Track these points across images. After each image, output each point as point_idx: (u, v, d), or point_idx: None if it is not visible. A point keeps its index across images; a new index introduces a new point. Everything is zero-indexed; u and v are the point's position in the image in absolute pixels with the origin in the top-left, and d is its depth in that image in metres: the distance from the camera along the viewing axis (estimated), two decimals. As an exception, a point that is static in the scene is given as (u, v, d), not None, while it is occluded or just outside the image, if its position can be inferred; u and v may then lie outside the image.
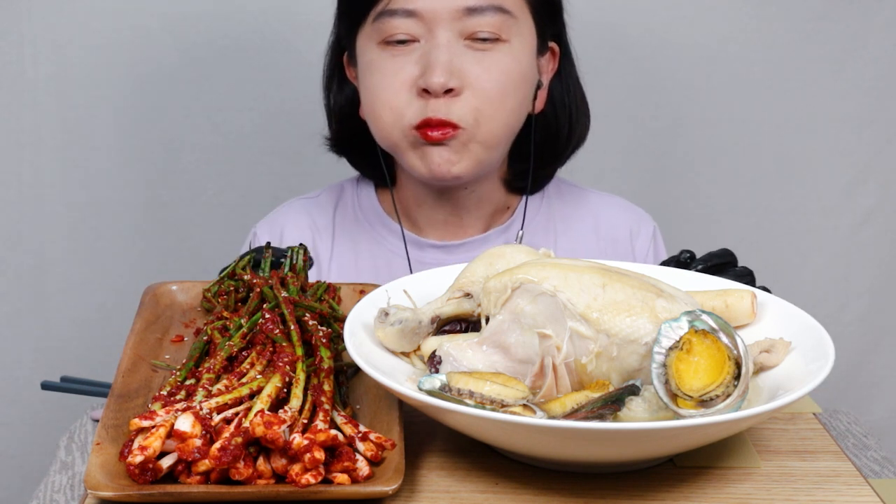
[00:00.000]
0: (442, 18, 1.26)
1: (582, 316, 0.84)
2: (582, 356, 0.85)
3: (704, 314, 0.83)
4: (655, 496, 0.81)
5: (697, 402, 0.80)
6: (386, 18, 1.27)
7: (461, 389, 0.82)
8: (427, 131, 1.27)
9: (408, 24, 1.26)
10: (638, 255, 1.45)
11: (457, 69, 1.26)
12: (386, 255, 1.41)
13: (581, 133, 1.43)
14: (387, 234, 1.42)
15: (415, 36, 1.27)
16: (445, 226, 1.41)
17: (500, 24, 1.27)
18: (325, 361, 0.88)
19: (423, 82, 1.25)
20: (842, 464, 0.86)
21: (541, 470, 0.84)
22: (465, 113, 1.26)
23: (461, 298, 0.95)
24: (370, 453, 0.80)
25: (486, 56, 1.27)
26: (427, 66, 1.25)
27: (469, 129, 1.27)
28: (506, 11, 1.27)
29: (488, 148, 1.30)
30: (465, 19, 1.26)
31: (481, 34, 1.27)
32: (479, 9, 1.26)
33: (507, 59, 1.28)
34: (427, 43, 1.27)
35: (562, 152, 1.43)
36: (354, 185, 1.48)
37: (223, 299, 1.06)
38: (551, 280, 0.86)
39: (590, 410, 0.80)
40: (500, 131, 1.30)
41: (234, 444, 0.76)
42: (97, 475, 0.77)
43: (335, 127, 1.44)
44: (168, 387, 0.86)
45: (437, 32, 1.26)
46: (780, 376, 0.87)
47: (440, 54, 1.25)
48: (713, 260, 1.12)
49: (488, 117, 1.28)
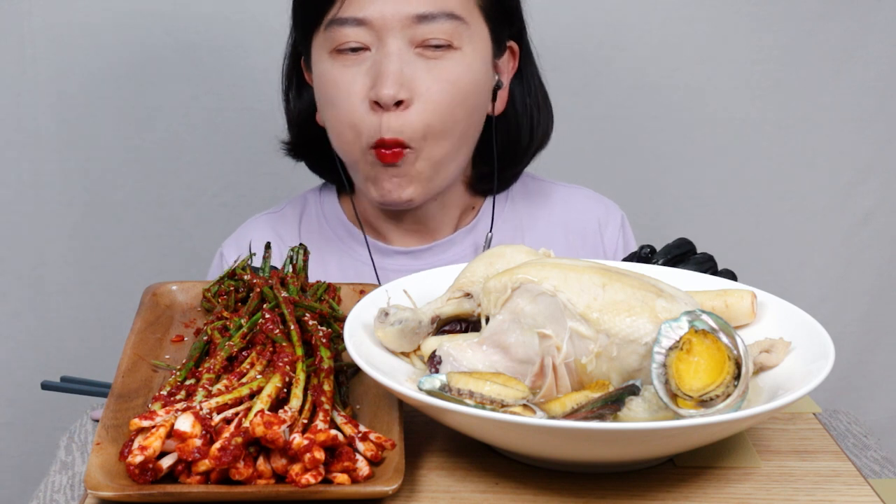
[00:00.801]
0: (392, 26, 1.24)
1: (582, 316, 0.84)
2: (582, 356, 0.85)
3: (704, 314, 0.83)
4: (655, 496, 0.81)
5: (697, 402, 0.80)
6: (336, 27, 1.26)
7: (461, 389, 0.82)
8: (381, 150, 1.26)
9: (358, 32, 1.25)
10: (608, 246, 1.44)
11: (407, 79, 1.24)
12: (354, 264, 1.40)
13: (544, 132, 1.42)
14: (353, 244, 1.41)
15: (365, 44, 1.26)
16: (410, 233, 1.40)
17: (452, 31, 1.25)
18: (325, 361, 0.88)
19: (374, 94, 1.24)
20: (842, 464, 0.86)
21: (541, 470, 0.84)
22: (414, 129, 1.25)
23: (461, 298, 0.95)
24: (370, 453, 0.80)
25: (437, 65, 1.26)
26: (377, 77, 1.24)
27: (417, 147, 1.26)
28: (457, 18, 1.26)
29: (435, 164, 1.29)
30: (415, 27, 1.24)
31: (433, 42, 1.25)
32: (429, 16, 1.24)
33: (459, 67, 1.27)
34: (377, 52, 1.25)
35: (524, 153, 1.41)
36: (317, 195, 1.47)
37: (223, 299, 1.06)
38: (551, 280, 0.86)
39: (590, 410, 0.80)
40: (449, 145, 1.29)
41: (234, 444, 0.76)
42: (97, 475, 0.77)
43: (294, 132, 1.43)
44: (168, 387, 0.86)
45: (387, 41, 1.25)
46: (780, 376, 0.87)
47: (390, 64, 1.24)
48: (673, 252, 1.12)
49: (436, 131, 1.26)
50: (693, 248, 1.13)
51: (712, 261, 1.11)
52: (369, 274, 1.38)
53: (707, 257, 1.11)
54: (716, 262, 1.12)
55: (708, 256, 1.11)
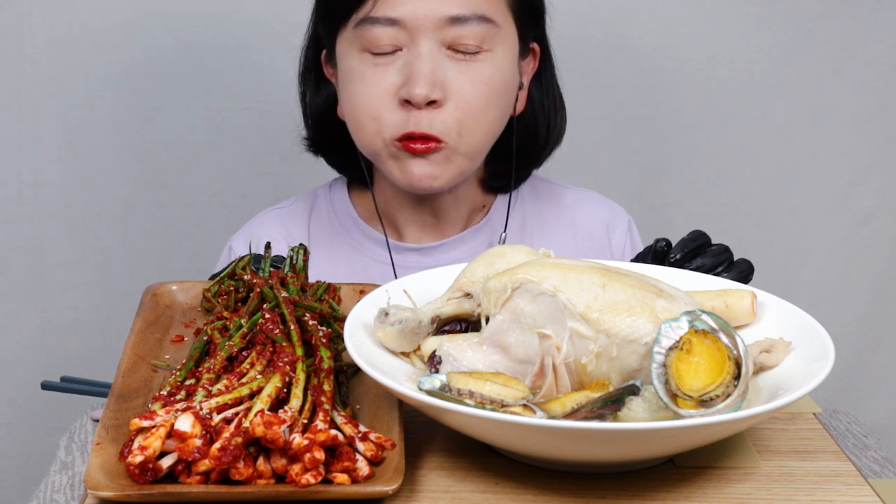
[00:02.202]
0: (425, 27, 1.24)
1: (582, 316, 0.84)
2: (582, 356, 0.85)
3: (704, 314, 0.83)
4: (655, 496, 0.81)
5: (697, 402, 0.80)
6: (368, 26, 1.25)
7: (461, 389, 0.82)
8: (409, 143, 1.26)
9: (390, 32, 1.25)
10: (615, 249, 1.45)
11: (439, 80, 1.24)
12: (363, 260, 1.40)
13: (559, 133, 1.43)
14: (363, 240, 1.41)
15: (397, 44, 1.25)
16: (424, 227, 1.40)
17: (484, 35, 1.26)
18: (325, 361, 0.88)
19: (406, 93, 1.24)
20: (842, 464, 0.86)
21: (541, 470, 0.84)
22: (447, 126, 1.25)
23: (461, 298, 0.95)
24: (370, 453, 0.80)
25: (470, 67, 1.26)
26: (410, 77, 1.24)
27: (451, 143, 1.26)
28: (489, 20, 1.26)
29: (471, 159, 1.30)
30: (448, 28, 1.24)
31: (465, 44, 1.25)
32: (462, 18, 1.24)
33: (491, 69, 1.27)
34: (409, 52, 1.25)
35: (540, 152, 1.42)
36: (327, 190, 1.47)
37: (223, 299, 1.06)
38: (551, 280, 0.86)
39: (590, 410, 0.80)
40: (482, 142, 1.30)
41: (234, 444, 0.76)
42: (97, 475, 0.77)
43: (312, 127, 1.43)
44: (168, 387, 0.86)
45: (419, 41, 1.24)
46: (780, 376, 0.87)
47: (423, 64, 1.24)
48: (689, 245, 1.12)
49: (471, 130, 1.27)
50: (708, 240, 1.13)
51: (728, 251, 1.11)
52: (377, 269, 1.38)
53: (723, 248, 1.11)
54: (732, 252, 1.11)
55: (724, 248, 1.11)
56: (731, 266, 1.10)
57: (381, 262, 1.39)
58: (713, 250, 1.11)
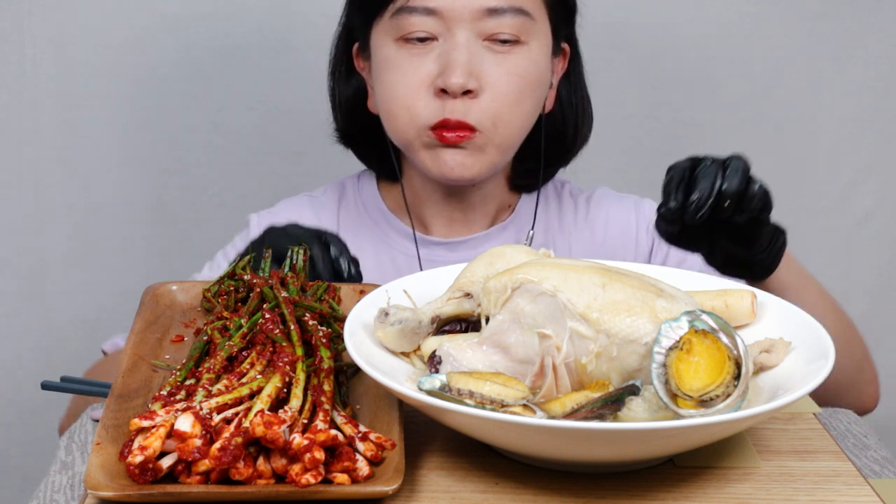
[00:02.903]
0: (462, 18, 1.25)
1: (582, 316, 0.84)
2: (582, 356, 0.85)
3: (704, 314, 0.83)
4: (655, 496, 0.81)
5: (697, 402, 0.80)
6: (405, 15, 1.26)
7: (461, 389, 0.82)
8: (443, 132, 1.26)
9: (427, 21, 1.26)
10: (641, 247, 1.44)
11: (476, 70, 1.26)
12: (390, 252, 1.41)
13: (586, 133, 1.44)
14: (390, 232, 1.41)
15: (433, 34, 1.27)
16: (451, 222, 1.41)
17: (520, 27, 1.27)
18: (325, 361, 0.88)
19: (442, 82, 1.25)
20: (842, 464, 0.86)
21: (541, 470, 0.84)
22: (483, 116, 1.26)
23: (461, 298, 0.95)
24: (370, 453, 0.80)
25: (506, 58, 1.27)
26: (446, 66, 1.25)
27: (486, 133, 1.27)
28: (525, 13, 1.27)
29: (503, 151, 1.31)
30: (485, 20, 1.26)
31: (501, 36, 1.27)
32: (499, 10, 1.26)
33: (526, 62, 1.28)
34: (446, 42, 1.26)
35: (567, 152, 1.43)
36: (356, 182, 1.47)
37: (223, 299, 1.06)
38: (551, 280, 0.86)
39: (590, 410, 0.80)
40: (515, 135, 1.31)
41: (234, 444, 0.76)
42: (97, 475, 0.77)
43: (342, 120, 1.43)
44: (168, 387, 0.86)
45: (456, 32, 1.26)
46: (780, 376, 0.87)
47: (460, 54, 1.25)
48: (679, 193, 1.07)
49: (506, 121, 1.28)
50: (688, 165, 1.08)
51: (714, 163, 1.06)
52: (404, 261, 1.39)
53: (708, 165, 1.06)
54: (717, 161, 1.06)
55: (708, 163, 1.06)
56: (726, 170, 1.05)
57: (407, 255, 1.40)
58: (702, 171, 1.05)
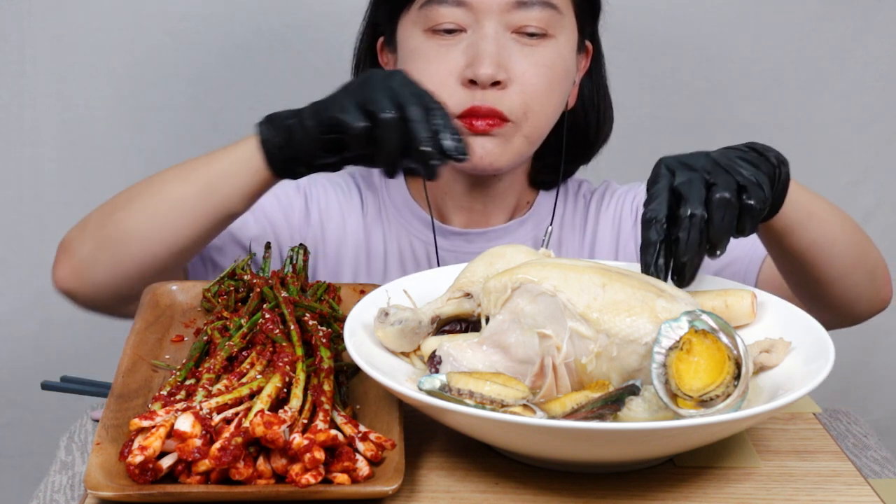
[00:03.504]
0: (491, 10, 1.26)
1: (582, 316, 0.84)
2: (582, 356, 0.85)
3: (704, 314, 0.83)
4: (655, 496, 0.81)
5: (697, 402, 0.80)
6: (434, 6, 1.27)
7: (461, 389, 0.82)
8: (472, 121, 1.27)
9: (456, 12, 1.26)
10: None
11: (504, 62, 1.26)
12: (410, 238, 1.41)
13: (607, 131, 1.45)
14: (411, 219, 1.41)
15: (462, 25, 1.27)
16: (471, 213, 1.41)
17: (548, 20, 1.28)
18: (325, 361, 0.88)
19: (471, 73, 1.25)
20: (842, 464, 0.86)
21: (541, 470, 0.84)
22: (514, 106, 1.27)
23: (461, 298, 0.95)
24: (370, 453, 0.80)
25: (534, 51, 1.28)
26: (475, 57, 1.25)
27: (517, 123, 1.28)
28: (553, 7, 1.28)
29: (531, 143, 1.32)
30: (513, 12, 1.26)
31: (529, 28, 1.27)
32: (528, 3, 1.26)
33: (554, 55, 1.29)
34: (474, 33, 1.27)
35: (589, 149, 1.44)
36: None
37: (223, 299, 1.06)
38: (551, 280, 0.86)
39: (590, 410, 0.80)
40: (543, 127, 1.32)
41: (234, 444, 0.76)
42: (97, 475, 0.77)
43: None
44: (168, 387, 0.86)
45: (484, 23, 1.26)
46: (780, 376, 0.87)
47: (489, 45, 1.25)
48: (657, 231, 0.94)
49: (535, 112, 1.29)
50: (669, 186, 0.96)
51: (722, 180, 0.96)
52: (422, 249, 1.39)
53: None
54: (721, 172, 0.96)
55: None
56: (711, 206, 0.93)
57: (426, 243, 1.40)
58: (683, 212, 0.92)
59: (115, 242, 1.16)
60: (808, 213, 1.13)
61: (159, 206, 1.15)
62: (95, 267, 1.16)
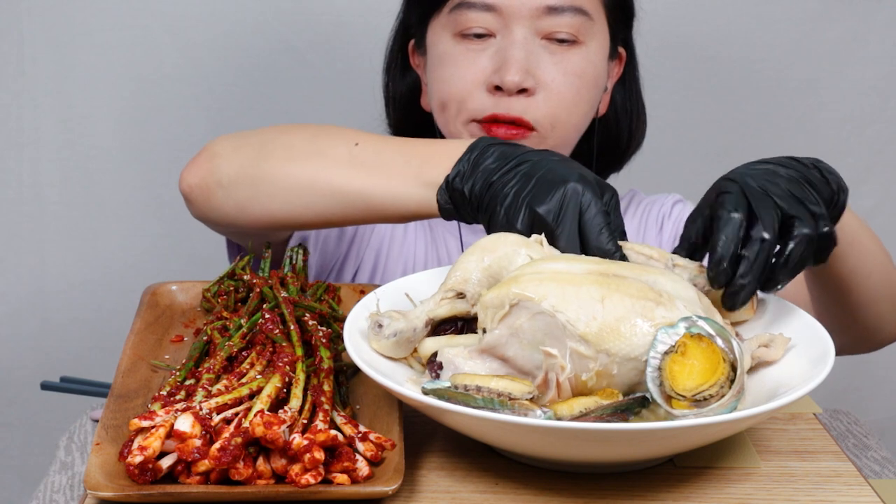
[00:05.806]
0: (521, 15, 1.24)
1: (582, 337, 0.82)
2: (582, 373, 0.83)
3: (701, 320, 0.81)
4: (655, 496, 0.81)
5: (691, 402, 0.79)
6: (463, 10, 1.26)
7: (468, 385, 0.81)
8: (491, 127, 1.25)
9: (485, 17, 1.25)
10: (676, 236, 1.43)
11: (532, 69, 1.24)
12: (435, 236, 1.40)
13: (639, 139, 1.43)
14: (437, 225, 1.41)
15: (491, 30, 1.26)
16: None
17: (579, 26, 1.26)
18: (324, 362, 0.88)
19: (498, 79, 1.24)
20: (842, 464, 0.86)
21: (541, 470, 0.83)
22: (540, 115, 1.25)
23: (454, 299, 0.93)
24: (370, 453, 0.80)
25: (563, 58, 1.26)
26: (503, 63, 1.24)
27: (542, 133, 1.26)
28: (585, 13, 1.26)
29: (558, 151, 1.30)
30: (543, 18, 1.25)
31: (559, 35, 1.25)
32: (559, 8, 1.24)
33: (584, 62, 1.27)
34: (503, 39, 1.25)
35: (620, 157, 1.42)
36: None
37: (223, 299, 1.06)
38: (549, 299, 0.82)
39: (598, 416, 0.79)
40: (571, 136, 1.30)
41: (233, 445, 0.76)
42: (97, 475, 0.77)
43: (395, 115, 1.43)
44: (168, 387, 0.86)
45: (514, 29, 1.25)
46: (781, 376, 0.87)
47: (517, 51, 1.24)
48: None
49: (563, 122, 1.27)
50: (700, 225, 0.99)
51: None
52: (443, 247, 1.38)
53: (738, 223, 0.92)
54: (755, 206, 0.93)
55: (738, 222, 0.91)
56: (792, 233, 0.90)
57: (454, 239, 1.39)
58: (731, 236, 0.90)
59: (258, 188, 1.10)
60: (851, 242, 1.12)
61: (316, 185, 1.08)
62: (226, 194, 1.12)
